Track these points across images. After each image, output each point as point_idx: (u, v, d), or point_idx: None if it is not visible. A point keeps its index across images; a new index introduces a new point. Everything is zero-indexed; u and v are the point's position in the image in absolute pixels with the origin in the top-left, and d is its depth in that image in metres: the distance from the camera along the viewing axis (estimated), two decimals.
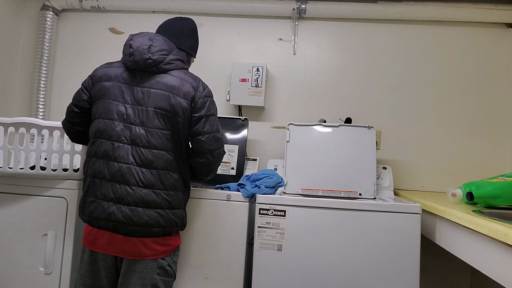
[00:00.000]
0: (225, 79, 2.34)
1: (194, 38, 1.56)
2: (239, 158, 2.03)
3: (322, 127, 1.97)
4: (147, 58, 1.34)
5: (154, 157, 1.31)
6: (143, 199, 1.29)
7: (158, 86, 1.35)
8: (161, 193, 1.32)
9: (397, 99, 2.24)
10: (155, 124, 1.33)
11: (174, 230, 1.38)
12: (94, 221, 1.31)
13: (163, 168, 1.33)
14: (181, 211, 1.41)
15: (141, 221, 1.28)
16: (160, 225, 1.32)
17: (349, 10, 2.21)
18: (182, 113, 1.35)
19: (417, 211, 1.52)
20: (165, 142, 1.33)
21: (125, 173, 1.29)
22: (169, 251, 1.38)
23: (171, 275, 1.40)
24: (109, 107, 1.34)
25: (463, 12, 2.14)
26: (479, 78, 2.21)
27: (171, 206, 1.35)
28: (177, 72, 1.40)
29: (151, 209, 1.30)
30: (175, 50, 1.44)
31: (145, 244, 1.31)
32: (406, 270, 1.51)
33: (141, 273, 1.32)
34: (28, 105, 2.38)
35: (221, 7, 2.30)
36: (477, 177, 2.08)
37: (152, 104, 1.33)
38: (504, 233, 1.01)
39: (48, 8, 2.36)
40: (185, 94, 1.36)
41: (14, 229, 1.65)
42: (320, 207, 1.56)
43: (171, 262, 1.39)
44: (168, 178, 1.34)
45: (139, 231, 1.29)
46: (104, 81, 1.37)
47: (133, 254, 1.31)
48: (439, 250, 2.10)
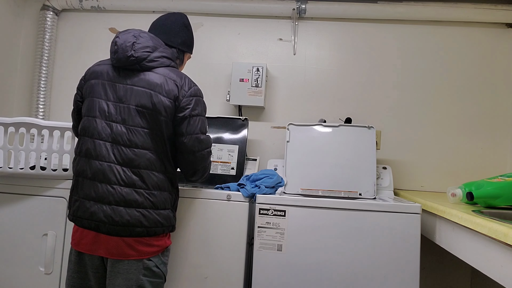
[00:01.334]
0: (225, 79, 2.34)
1: (186, 33, 1.52)
2: (239, 158, 2.03)
3: (322, 127, 1.97)
4: (129, 55, 1.31)
5: (135, 155, 1.28)
6: (124, 198, 1.26)
7: (141, 83, 1.32)
8: (143, 193, 1.28)
9: (397, 99, 2.25)
10: (136, 122, 1.30)
11: (159, 231, 1.33)
12: (78, 220, 1.29)
13: (145, 168, 1.29)
14: (168, 212, 1.36)
15: (123, 220, 1.26)
16: (142, 225, 1.28)
17: (349, 10, 2.21)
18: (165, 111, 1.32)
19: (417, 211, 1.52)
20: (147, 141, 1.30)
21: (106, 171, 1.27)
22: (155, 252, 1.34)
23: (159, 276, 1.36)
24: (92, 104, 1.32)
25: (463, 12, 2.14)
26: (479, 78, 2.21)
27: (154, 206, 1.31)
28: (161, 69, 1.36)
29: (133, 208, 1.27)
30: (161, 47, 1.40)
31: (129, 244, 1.28)
32: (406, 270, 1.51)
33: (126, 274, 1.28)
34: (28, 105, 2.38)
35: (221, 7, 2.30)
36: (477, 177, 2.08)
37: (133, 102, 1.30)
38: (504, 233, 1.01)
39: (48, 8, 2.36)
40: (168, 92, 1.33)
41: (14, 229, 1.65)
42: (320, 207, 1.56)
43: (159, 263, 1.35)
44: (151, 177, 1.30)
45: (121, 230, 1.26)
46: (91, 79, 1.36)
47: (117, 254, 1.28)
48: (439, 250, 2.10)
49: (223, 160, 2.03)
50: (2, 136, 1.61)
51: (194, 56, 2.37)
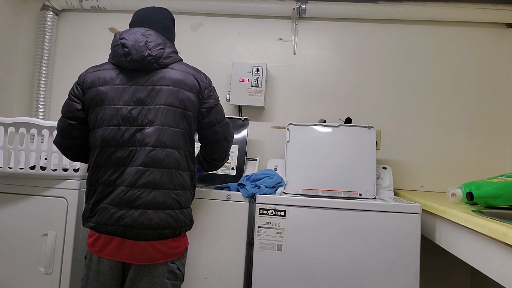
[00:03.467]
0: (225, 79, 2.34)
1: (174, 29, 1.51)
2: (239, 158, 2.03)
3: (322, 127, 1.97)
4: (146, 55, 1.28)
5: (164, 156, 1.26)
6: (152, 201, 1.24)
7: (164, 82, 1.29)
8: (170, 193, 1.27)
9: (397, 99, 2.25)
10: (165, 122, 1.27)
11: (183, 230, 1.32)
12: (102, 227, 1.25)
13: (172, 167, 1.27)
14: (189, 210, 1.36)
15: (152, 223, 1.23)
16: (170, 226, 1.26)
17: (349, 10, 2.21)
18: (192, 107, 1.32)
19: (417, 211, 1.52)
20: (175, 140, 1.28)
21: (134, 175, 1.23)
22: (179, 253, 1.33)
23: (180, 278, 1.35)
24: (111, 113, 1.27)
25: (463, 12, 2.14)
26: (479, 78, 2.21)
27: (180, 205, 1.30)
28: (177, 65, 1.36)
29: (161, 210, 1.25)
30: (168, 42, 1.38)
31: (155, 248, 1.25)
32: (406, 270, 1.51)
33: (151, 278, 1.26)
34: (28, 105, 2.38)
35: (221, 7, 2.30)
36: (477, 177, 2.08)
37: (160, 102, 1.27)
38: (504, 233, 1.01)
39: (48, 8, 2.36)
40: (191, 88, 1.33)
41: (14, 229, 1.65)
42: (320, 207, 1.56)
43: (180, 265, 1.34)
44: (177, 177, 1.29)
45: (150, 234, 1.23)
46: (99, 86, 1.30)
47: (143, 259, 1.25)
48: (439, 250, 2.10)
49: None
50: (2, 136, 1.61)
51: (194, 56, 2.37)
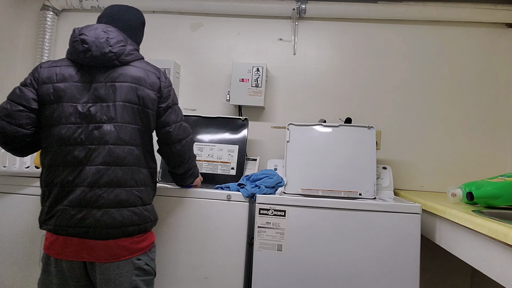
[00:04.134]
0: (225, 79, 2.34)
1: (142, 32, 1.48)
2: (239, 158, 2.03)
3: (322, 127, 1.97)
4: (107, 51, 1.25)
5: (125, 153, 1.25)
6: (115, 199, 1.22)
7: (124, 79, 1.27)
8: (133, 191, 1.26)
9: (397, 99, 2.25)
10: (125, 119, 1.26)
11: (149, 226, 1.32)
12: (62, 229, 1.21)
13: (133, 164, 1.27)
14: (152, 206, 1.36)
15: (115, 222, 1.21)
16: (135, 223, 1.25)
17: (349, 10, 2.21)
18: (151, 104, 1.31)
19: (417, 211, 1.52)
20: (134, 137, 1.28)
21: (95, 175, 1.21)
22: (144, 248, 1.31)
23: (150, 273, 1.34)
24: (69, 110, 1.23)
25: (463, 12, 2.14)
26: (479, 78, 2.21)
27: (143, 202, 1.30)
28: (138, 62, 1.34)
29: (125, 208, 1.24)
30: (129, 40, 1.36)
31: (119, 245, 1.24)
32: (406, 270, 1.51)
33: (118, 279, 1.24)
34: None
35: (221, 7, 2.30)
36: (477, 177, 2.09)
37: (119, 98, 1.26)
38: (504, 233, 1.01)
39: (48, 8, 2.36)
40: (152, 85, 1.32)
41: (14, 228, 1.65)
42: (320, 207, 1.56)
43: (148, 260, 1.33)
44: (139, 174, 1.28)
45: (113, 232, 1.22)
46: (56, 83, 1.26)
47: (107, 257, 1.22)
48: (439, 250, 2.10)
49: (223, 160, 2.03)
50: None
51: (194, 56, 2.37)
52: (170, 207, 1.61)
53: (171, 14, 2.40)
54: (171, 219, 1.61)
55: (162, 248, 1.61)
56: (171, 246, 1.60)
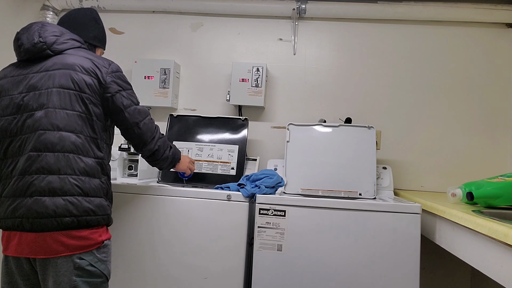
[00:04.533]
0: (225, 79, 2.34)
1: (96, 27, 1.47)
2: (239, 158, 2.03)
3: (322, 127, 1.97)
4: (36, 42, 1.26)
5: (58, 139, 1.19)
6: (46, 187, 1.16)
7: (56, 66, 1.26)
8: (68, 178, 1.18)
9: (397, 99, 2.25)
10: (58, 104, 1.22)
11: (93, 221, 1.22)
12: (2, 222, 1.19)
13: (70, 151, 1.20)
14: (101, 200, 1.26)
15: (48, 211, 1.15)
16: (71, 214, 1.17)
17: (349, 10, 2.21)
18: (89, 90, 1.26)
19: (417, 211, 1.52)
20: (71, 123, 1.22)
21: (26, 162, 1.18)
22: (87, 247, 1.22)
23: (97, 275, 1.25)
24: (6, 103, 1.26)
25: (463, 12, 2.14)
26: (479, 78, 2.21)
27: (84, 193, 1.21)
28: (74, 50, 1.32)
29: (59, 196, 1.17)
30: (68, 32, 1.35)
31: (55, 239, 1.16)
32: (406, 270, 1.51)
33: (56, 277, 1.18)
34: None
35: (221, 7, 2.30)
36: (477, 177, 2.08)
37: (52, 85, 1.24)
38: (504, 233, 1.01)
39: (48, 8, 2.36)
40: (87, 71, 1.28)
41: None
42: (320, 207, 1.56)
43: (95, 261, 1.24)
44: (77, 162, 1.21)
45: (47, 223, 1.15)
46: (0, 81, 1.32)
47: (43, 252, 1.16)
48: (439, 250, 2.10)
49: (223, 160, 2.03)
50: None
51: (194, 56, 2.37)
52: (170, 207, 1.61)
53: (171, 14, 2.40)
54: (171, 219, 1.61)
55: (162, 248, 1.61)
56: (171, 246, 1.60)
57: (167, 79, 2.22)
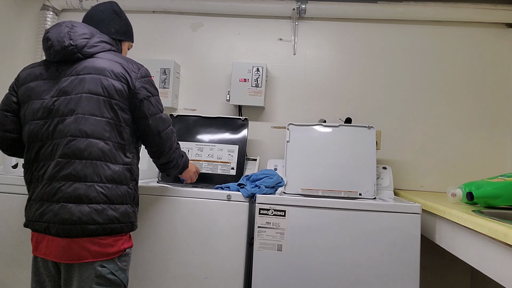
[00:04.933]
0: (225, 79, 2.34)
1: (117, 20, 1.43)
2: (239, 158, 2.03)
3: (322, 127, 1.97)
4: (67, 45, 1.24)
5: (85, 146, 1.19)
6: (73, 193, 1.17)
7: (87, 70, 1.25)
8: (94, 186, 1.19)
9: (397, 99, 2.25)
10: (87, 111, 1.22)
11: (117, 228, 1.23)
12: (30, 224, 1.22)
13: (97, 159, 1.21)
14: (126, 208, 1.27)
15: (73, 218, 1.16)
16: (95, 222, 1.18)
17: (349, 10, 2.21)
18: (118, 95, 1.26)
19: (417, 211, 1.52)
20: (98, 130, 1.22)
21: (54, 168, 1.19)
22: (110, 254, 1.23)
23: (117, 284, 1.26)
24: (36, 107, 1.25)
25: (463, 12, 2.14)
26: (479, 78, 2.21)
27: (109, 200, 1.22)
28: (105, 54, 1.30)
29: (84, 204, 1.18)
30: (98, 33, 1.33)
31: (79, 245, 1.18)
32: (406, 270, 1.51)
33: (78, 283, 1.19)
34: None
35: (221, 7, 2.30)
36: (477, 177, 2.08)
37: (82, 90, 1.23)
38: (504, 233, 1.01)
39: (48, 8, 2.36)
40: (118, 76, 1.26)
41: (14, 228, 1.65)
42: (320, 207, 1.56)
43: (115, 270, 1.25)
44: (104, 169, 1.21)
45: (72, 230, 1.17)
46: (29, 82, 1.29)
47: (67, 257, 1.18)
48: (439, 250, 2.10)
49: (223, 160, 2.03)
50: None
51: (194, 56, 2.37)
52: (170, 207, 1.61)
53: (171, 14, 2.40)
54: (171, 219, 1.61)
55: (162, 248, 1.61)
56: (171, 246, 1.60)
57: (167, 79, 2.22)
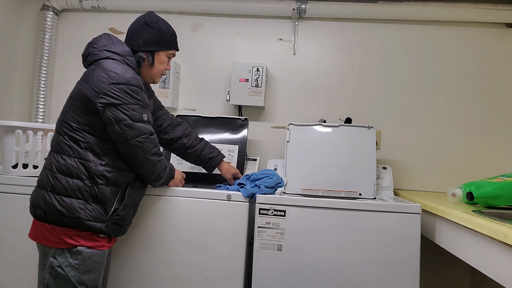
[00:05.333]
0: (225, 79, 2.34)
1: (148, 31, 1.44)
2: (239, 158, 2.03)
3: (322, 127, 1.97)
4: (82, 54, 1.44)
5: (53, 139, 1.38)
6: (39, 179, 1.35)
7: (81, 77, 1.40)
8: (47, 173, 1.32)
9: (397, 99, 2.24)
10: (63, 111, 1.38)
11: (58, 220, 1.27)
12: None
13: (54, 150, 1.35)
14: (74, 202, 1.28)
15: (31, 197, 1.34)
16: (40, 206, 1.30)
17: (349, 10, 2.21)
18: (82, 100, 1.32)
19: (417, 211, 1.52)
20: (60, 126, 1.36)
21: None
22: (57, 243, 1.28)
23: (64, 278, 1.27)
24: None
25: (463, 12, 2.14)
26: (479, 78, 2.21)
27: (54, 190, 1.29)
28: (100, 61, 1.37)
29: (38, 188, 1.34)
30: (113, 44, 1.42)
31: (35, 225, 1.34)
32: (406, 270, 1.51)
33: (39, 268, 1.33)
34: (28, 105, 2.38)
35: (221, 7, 2.30)
36: (477, 177, 2.07)
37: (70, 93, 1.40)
38: (504, 233, 1.01)
39: (48, 8, 2.36)
40: (91, 82, 1.31)
41: (14, 229, 1.64)
42: (320, 207, 1.56)
43: (65, 265, 1.27)
44: (58, 160, 1.31)
45: (30, 209, 1.34)
46: None
47: (34, 236, 1.35)
48: (439, 250, 2.09)
49: None
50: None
51: (194, 56, 2.37)
52: (170, 207, 1.61)
53: (171, 14, 2.40)
54: (171, 219, 1.60)
55: (162, 248, 1.60)
56: (170, 246, 1.60)
57: (167, 79, 2.22)
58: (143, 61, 1.44)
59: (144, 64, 1.46)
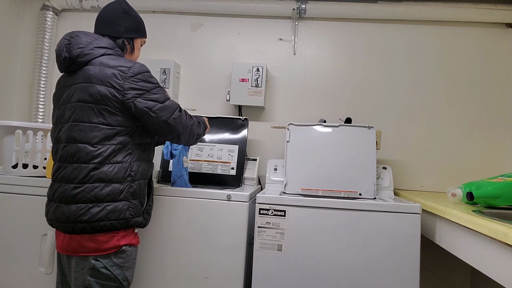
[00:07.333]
0: (225, 79, 2.34)
1: (127, 19, 1.44)
2: (239, 158, 2.03)
3: (322, 127, 1.97)
4: (63, 57, 1.32)
5: (75, 151, 1.28)
6: (63, 194, 1.28)
7: (79, 80, 1.31)
8: (80, 187, 1.26)
9: (397, 99, 2.25)
10: (78, 118, 1.29)
11: (107, 226, 1.28)
12: (49, 222, 1.35)
13: (84, 162, 1.27)
14: (118, 205, 1.30)
15: (63, 217, 1.27)
16: (82, 221, 1.26)
17: (349, 10, 2.21)
18: (106, 101, 1.28)
19: (417, 211, 1.52)
20: (85, 135, 1.28)
21: (56, 171, 1.33)
22: (104, 250, 1.29)
23: (112, 279, 1.30)
24: (54, 113, 1.40)
25: (463, 12, 2.14)
26: (479, 78, 2.21)
27: (97, 199, 1.27)
28: (97, 59, 1.33)
29: (71, 204, 1.27)
30: (96, 39, 1.36)
31: (74, 239, 1.29)
32: (406, 270, 1.51)
33: (75, 273, 1.29)
34: (28, 105, 2.38)
35: (221, 7, 2.30)
36: (477, 177, 2.08)
37: (74, 100, 1.30)
38: (504, 233, 1.01)
39: (48, 8, 2.36)
40: (104, 82, 1.28)
41: (14, 229, 1.65)
42: (320, 207, 1.56)
43: (110, 265, 1.29)
44: (95, 171, 1.27)
45: (67, 227, 1.28)
46: (55, 90, 1.43)
47: (67, 250, 1.30)
48: (439, 250, 2.10)
49: (223, 160, 2.03)
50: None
51: (194, 56, 2.37)
52: (170, 207, 1.61)
53: (171, 14, 2.40)
54: (171, 219, 1.61)
55: (161, 248, 1.61)
56: (171, 246, 1.60)
57: (167, 79, 2.22)
58: (125, 48, 1.45)
59: (127, 52, 1.46)
